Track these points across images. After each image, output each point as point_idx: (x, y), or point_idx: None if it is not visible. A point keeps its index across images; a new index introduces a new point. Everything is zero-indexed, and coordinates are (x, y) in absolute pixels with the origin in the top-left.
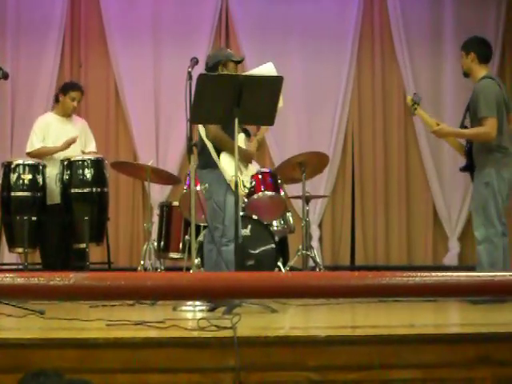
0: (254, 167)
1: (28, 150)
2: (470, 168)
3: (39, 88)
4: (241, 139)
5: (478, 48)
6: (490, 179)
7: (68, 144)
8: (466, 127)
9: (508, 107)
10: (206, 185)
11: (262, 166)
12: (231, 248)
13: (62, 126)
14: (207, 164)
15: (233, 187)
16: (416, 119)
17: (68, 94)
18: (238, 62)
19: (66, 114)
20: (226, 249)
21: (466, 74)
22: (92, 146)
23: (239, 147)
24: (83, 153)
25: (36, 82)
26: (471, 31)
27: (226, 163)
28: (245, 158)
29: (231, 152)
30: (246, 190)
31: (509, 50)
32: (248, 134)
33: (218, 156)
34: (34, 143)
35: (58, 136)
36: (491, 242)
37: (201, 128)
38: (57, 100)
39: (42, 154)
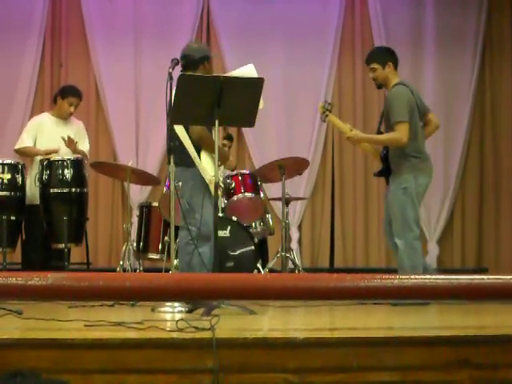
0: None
1: (16, 146)
2: (385, 173)
3: (19, 88)
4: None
5: (392, 57)
6: (407, 184)
7: (49, 152)
8: (381, 133)
9: (424, 110)
10: (180, 183)
11: (241, 167)
12: (205, 250)
13: (56, 128)
14: (182, 162)
15: (211, 188)
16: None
17: (66, 98)
18: None
19: (62, 117)
20: (200, 251)
21: (381, 86)
22: (84, 149)
23: (219, 147)
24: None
25: (16, 82)
26: (452, 35)
27: (206, 163)
28: (223, 159)
29: (212, 152)
30: (220, 192)
31: (489, 55)
32: (231, 138)
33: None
34: (23, 141)
35: (50, 137)
36: (411, 246)
37: (177, 126)
38: (55, 101)
39: (27, 153)
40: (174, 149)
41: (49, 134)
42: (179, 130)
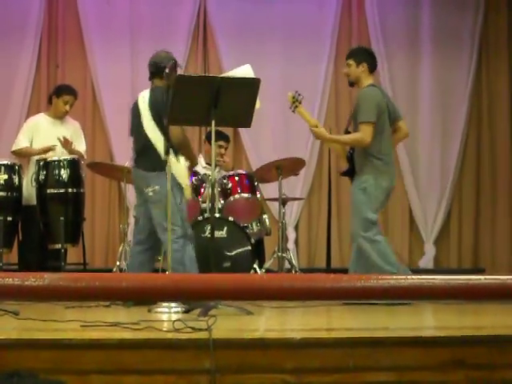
0: None
1: (13, 148)
2: (350, 173)
3: (15, 89)
4: None
5: (369, 59)
6: (367, 185)
7: (45, 150)
8: (349, 133)
9: (395, 116)
10: (156, 187)
11: (238, 168)
12: (190, 249)
13: (52, 128)
14: (156, 166)
15: (186, 193)
16: None
17: (61, 96)
18: None
19: (58, 117)
20: (189, 251)
21: (352, 84)
22: (81, 149)
23: (191, 148)
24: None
25: (12, 82)
26: (449, 36)
27: (184, 168)
28: (194, 160)
29: (189, 156)
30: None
31: (485, 55)
32: (227, 139)
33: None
34: (20, 142)
35: (46, 137)
36: (374, 241)
37: (148, 129)
38: (50, 101)
39: (24, 154)
40: (140, 152)
41: (45, 135)
42: (151, 133)
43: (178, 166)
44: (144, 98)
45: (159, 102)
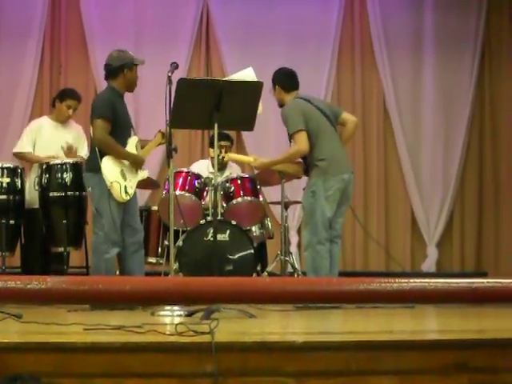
0: (144, 173)
1: (15, 150)
2: None
3: (18, 92)
4: (132, 143)
5: (280, 80)
6: (315, 188)
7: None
8: None
9: (334, 113)
10: (89, 188)
11: (241, 171)
12: (111, 256)
13: (55, 132)
14: (91, 167)
15: (112, 193)
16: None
17: (65, 101)
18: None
19: (61, 120)
20: (107, 256)
21: (281, 105)
22: (83, 153)
23: (128, 153)
24: None
25: (15, 86)
26: (451, 39)
27: (107, 167)
28: (133, 164)
29: (116, 157)
30: (128, 197)
31: (488, 58)
32: (230, 140)
33: (101, 159)
34: (23, 146)
35: (49, 141)
36: (314, 248)
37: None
38: (53, 105)
39: (26, 159)
40: (89, 154)
41: (48, 138)
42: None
43: (105, 167)
44: None
45: (95, 104)
